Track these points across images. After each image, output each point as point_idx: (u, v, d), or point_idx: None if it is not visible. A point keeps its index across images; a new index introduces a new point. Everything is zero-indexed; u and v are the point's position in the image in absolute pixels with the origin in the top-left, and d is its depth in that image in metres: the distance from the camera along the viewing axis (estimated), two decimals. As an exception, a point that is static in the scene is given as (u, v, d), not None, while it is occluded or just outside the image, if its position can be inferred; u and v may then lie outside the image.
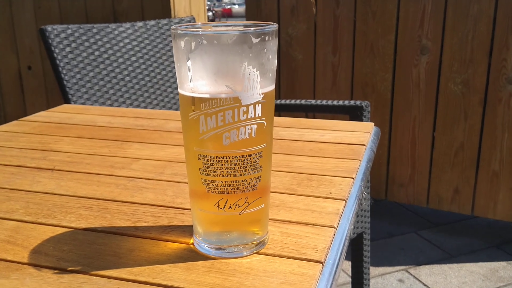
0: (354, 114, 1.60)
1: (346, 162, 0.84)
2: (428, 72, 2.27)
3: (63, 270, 0.54)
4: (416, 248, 2.26)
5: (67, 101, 1.54)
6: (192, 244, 0.59)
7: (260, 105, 0.51)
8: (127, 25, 1.75)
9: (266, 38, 0.49)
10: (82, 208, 0.69)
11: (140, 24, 1.80)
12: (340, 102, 1.62)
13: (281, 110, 1.86)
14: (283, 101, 1.72)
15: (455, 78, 2.23)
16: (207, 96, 0.50)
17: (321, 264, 0.54)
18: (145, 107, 1.75)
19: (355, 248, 1.55)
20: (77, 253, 0.57)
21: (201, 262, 0.55)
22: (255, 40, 0.48)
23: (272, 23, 0.51)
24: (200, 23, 0.57)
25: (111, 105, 1.65)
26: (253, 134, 0.51)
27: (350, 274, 1.64)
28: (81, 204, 0.70)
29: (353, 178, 0.77)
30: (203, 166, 0.52)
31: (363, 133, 0.99)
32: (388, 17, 2.29)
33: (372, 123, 1.06)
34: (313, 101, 1.69)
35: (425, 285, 1.98)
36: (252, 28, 0.49)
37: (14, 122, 1.13)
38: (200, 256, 0.56)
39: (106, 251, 0.58)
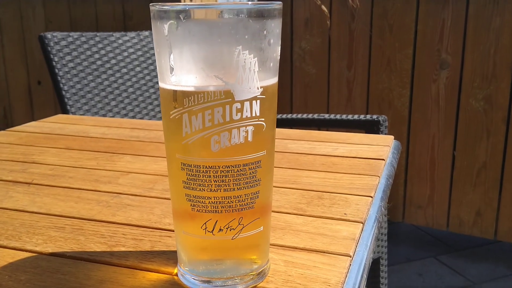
0: (371, 130, 1.49)
1: (363, 178, 0.73)
2: (448, 88, 2.16)
3: (14, 306, 0.44)
4: (435, 274, 2.11)
5: (65, 112, 1.45)
6: (176, 275, 0.48)
7: (258, 101, 0.40)
8: (132, 34, 1.67)
9: (267, 16, 0.39)
10: (53, 229, 0.59)
11: (146, 33, 1.72)
12: (356, 117, 1.52)
13: (292, 125, 1.76)
14: (294, 116, 1.61)
15: (476, 94, 2.11)
16: (191, 89, 0.40)
17: (334, 304, 0.43)
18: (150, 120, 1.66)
19: (371, 274, 1.43)
20: (36, 284, 0.47)
21: (184, 298, 0.44)
22: (252, 18, 0.38)
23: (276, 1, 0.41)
24: (187, 3, 0.47)
25: (112, 117, 1.56)
26: (249, 138, 0.41)
27: (366, 303, 1.51)
28: (52, 223, 0.60)
29: (371, 197, 0.66)
30: (187, 178, 0.42)
31: (381, 147, 0.88)
32: (405, 31, 2.19)
33: (392, 136, 0.95)
34: (326, 116, 1.59)
35: (446, 315, 1.84)
36: (249, 3, 0.38)
37: (1, 132, 1.04)
38: (184, 290, 0.45)
39: (70, 282, 0.47)
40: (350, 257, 0.51)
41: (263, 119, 0.42)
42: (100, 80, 1.56)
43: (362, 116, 1.51)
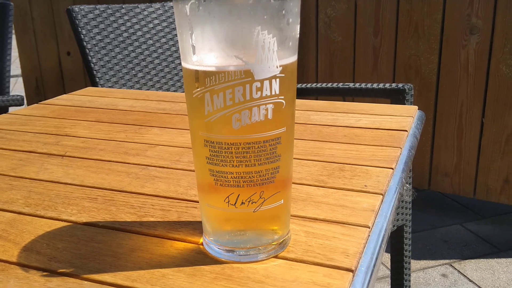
0: (396, 98, 1.48)
1: (385, 150, 0.74)
2: (478, 54, 2.11)
3: (53, 272, 0.47)
4: (461, 241, 2.12)
5: (94, 84, 1.48)
6: (202, 244, 0.51)
7: (277, 80, 0.42)
8: (157, 5, 1.68)
9: (285, -4, 0.40)
10: (86, 199, 0.62)
11: (170, 4, 1.72)
12: (381, 85, 1.51)
13: (317, 94, 1.76)
14: (318, 85, 1.61)
15: (507, 60, 2.06)
16: (212, 69, 0.41)
17: (351, 273, 0.45)
18: (175, 92, 1.68)
19: (395, 241, 1.45)
20: (72, 252, 0.50)
21: (209, 266, 0.47)
22: (271, -1, 0.39)
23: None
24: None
25: (140, 89, 1.59)
26: (269, 116, 0.42)
27: (390, 268, 1.54)
28: (86, 194, 0.63)
29: (392, 169, 0.67)
30: (210, 154, 0.44)
31: (405, 118, 0.89)
32: (434, -5, 2.14)
33: (416, 107, 0.95)
34: (351, 85, 1.58)
35: (470, 280, 1.85)
36: (267, -16, 0.39)
37: (34, 105, 1.08)
38: (209, 259, 0.48)
39: (104, 250, 0.50)
40: (369, 228, 0.53)
41: (283, 97, 0.43)
42: (127, 52, 1.58)
43: (387, 85, 1.50)
